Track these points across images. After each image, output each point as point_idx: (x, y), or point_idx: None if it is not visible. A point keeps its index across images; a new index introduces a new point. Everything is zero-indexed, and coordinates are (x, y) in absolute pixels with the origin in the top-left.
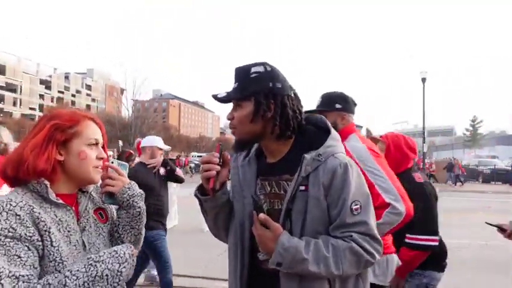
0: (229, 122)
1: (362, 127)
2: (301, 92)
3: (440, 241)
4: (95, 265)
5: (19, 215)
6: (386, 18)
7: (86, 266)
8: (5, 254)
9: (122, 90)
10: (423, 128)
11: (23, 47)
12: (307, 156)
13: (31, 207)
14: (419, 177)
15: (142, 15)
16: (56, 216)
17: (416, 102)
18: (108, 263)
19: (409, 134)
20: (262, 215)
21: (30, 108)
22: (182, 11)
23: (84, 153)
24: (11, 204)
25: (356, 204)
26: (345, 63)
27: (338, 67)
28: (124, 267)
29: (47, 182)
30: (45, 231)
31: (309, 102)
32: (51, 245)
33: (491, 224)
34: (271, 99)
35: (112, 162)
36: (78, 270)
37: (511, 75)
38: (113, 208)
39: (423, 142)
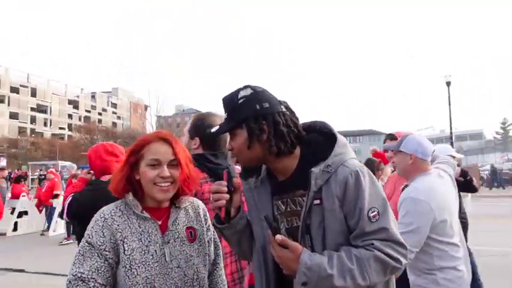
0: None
1: (385, 134)
2: (303, 94)
3: None
4: None
5: (99, 226)
6: (402, 18)
7: None
8: (82, 255)
9: (146, 107)
10: (451, 132)
11: (52, 68)
12: (315, 169)
13: (113, 219)
14: None
15: (160, 31)
16: (140, 227)
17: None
18: None
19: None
20: (278, 236)
21: (60, 128)
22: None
23: (145, 173)
24: (100, 215)
25: (373, 211)
26: (356, 64)
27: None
28: None
29: (131, 198)
30: (121, 240)
31: (312, 104)
32: (124, 253)
33: None
34: (263, 121)
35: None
36: None
37: None
38: (209, 231)
39: (452, 147)
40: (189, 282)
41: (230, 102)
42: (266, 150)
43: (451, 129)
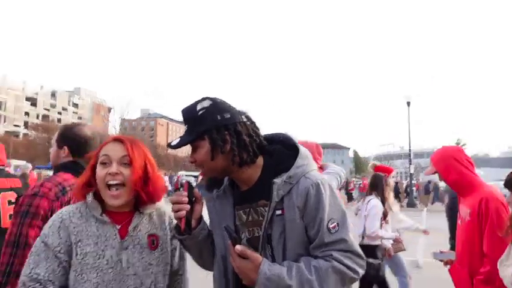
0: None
1: (349, 148)
2: (267, 106)
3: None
4: None
5: (56, 226)
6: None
7: None
8: (38, 255)
9: (109, 109)
10: (409, 150)
11: (9, 63)
12: (277, 180)
13: (70, 220)
14: None
15: (130, 32)
16: (98, 231)
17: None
18: None
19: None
20: (238, 247)
21: (15, 125)
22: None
23: (97, 173)
24: (58, 215)
25: (333, 223)
26: (328, 81)
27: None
28: None
29: (90, 199)
30: (75, 243)
31: (276, 116)
32: (76, 257)
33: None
34: (225, 131)
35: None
36: None
37: (492, 97)
38: (174, 240)
39: (410, 163)
40: None
41: (190, 114)
42: (229, 161)
43: (409, 146)
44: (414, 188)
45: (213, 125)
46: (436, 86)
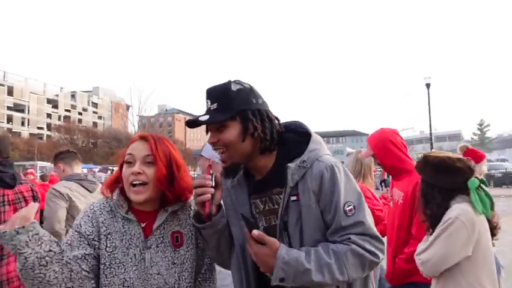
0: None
1: (368, 135)
2: (286, 94)
3: None
4: None
5: (89, 217)
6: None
7: None
8: (69, 244)
9: (127, 107)
10: (430, 133)
11: (30, 67)
12: (291, 165)
13: (101, 213)
14: None
15: (143, 30)
16: (123, 227)
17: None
18: None
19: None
20: (255, 231)
21: (39, 128)
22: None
23: (123, 172)
24: (89, 207)
25: (349, 205)
26: (347, 68)
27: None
28: None
29: (115, 197)
30: (105, 236)
31: (294, 104)
32: (105, 249)
33: None
34: (258, 116)
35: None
36: None
37: None
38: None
39: (431, 148)
40: None
41: (223, 92)
42: (255, 146)
43: (430, 130)
44: None
45: (250, 107)
46: (457, 66)
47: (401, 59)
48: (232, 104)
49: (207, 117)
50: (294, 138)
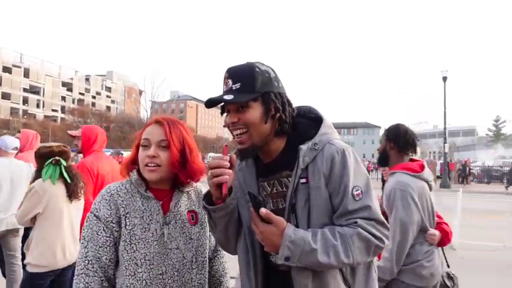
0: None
1: (380, 127)
2: (299, 85)
3: None
4: None
5: (106, 200)
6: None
7: None
8: (90, 228)
9: (140, 92)
10: (445, 128)
11: (46, 49)
12: (303, 146)
13: (118, 195)
14: None
15: (157, 15)
16: (143, 205)
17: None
18: None
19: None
20: (263, 210)
21: (53, 110)
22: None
23: (139, 154)
24: (106, 190)
25: (357, 190)
26: (361, 60)
27: (343, 61)
28: None
29: (135, 177)
30: (124, 215)
31: (307, 95)
32: (125, 227)
33: None
34: (281, 98)
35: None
36: None
37: None
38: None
39: (445, 142)
40: (188, 265)
41: (247, 72)
42: (273, 128)
43: (445, 124)
44: (447, 168)
45: (274, 90)
46: (475, 61)
47: (417, 52)
48: (255, 85)
49: (231, 96)
50: (305, 122)
